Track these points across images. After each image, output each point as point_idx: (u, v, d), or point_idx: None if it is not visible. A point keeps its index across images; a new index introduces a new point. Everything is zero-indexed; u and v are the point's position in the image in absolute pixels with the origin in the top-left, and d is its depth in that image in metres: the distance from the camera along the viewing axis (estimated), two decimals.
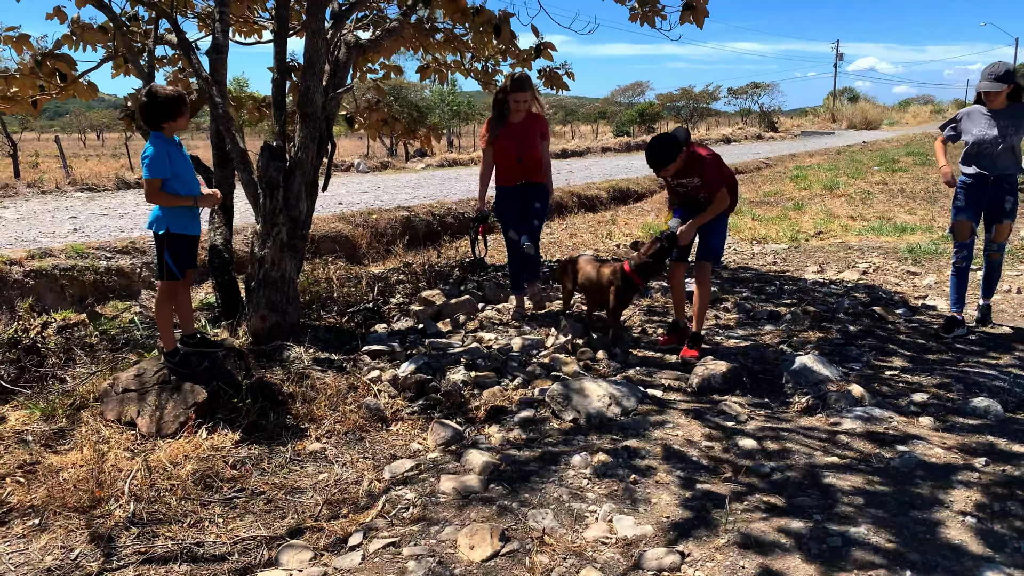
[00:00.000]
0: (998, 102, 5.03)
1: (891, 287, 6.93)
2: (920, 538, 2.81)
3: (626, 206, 15.83)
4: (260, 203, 4.78)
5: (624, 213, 14.24)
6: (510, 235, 5.68)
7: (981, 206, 5.19)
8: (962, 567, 2.62)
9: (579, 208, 15.11)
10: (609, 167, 22.72)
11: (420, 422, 3.96)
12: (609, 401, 4.03)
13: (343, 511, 3.08)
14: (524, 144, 5.48)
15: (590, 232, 11.65)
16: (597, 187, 16.62)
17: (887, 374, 4.66)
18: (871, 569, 2.60)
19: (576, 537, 2.84)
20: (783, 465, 3.41)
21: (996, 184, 5.07)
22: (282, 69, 4.95)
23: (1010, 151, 5.01)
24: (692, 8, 5.32)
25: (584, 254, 5.43)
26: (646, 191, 17.60)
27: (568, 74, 6.84)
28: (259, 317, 4.76)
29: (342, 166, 21.23)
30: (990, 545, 2.77)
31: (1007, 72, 4.94)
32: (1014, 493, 3.15)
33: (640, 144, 35.25)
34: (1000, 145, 5.00)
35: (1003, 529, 2.87)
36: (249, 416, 3.83)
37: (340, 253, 10.26)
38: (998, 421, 3.91)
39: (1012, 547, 2.75)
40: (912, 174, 17.03)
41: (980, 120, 5.12)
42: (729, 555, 2.70)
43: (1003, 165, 5.03)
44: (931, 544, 2.77)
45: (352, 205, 12.75)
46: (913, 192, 13.71)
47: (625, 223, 12.30)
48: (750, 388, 4.47)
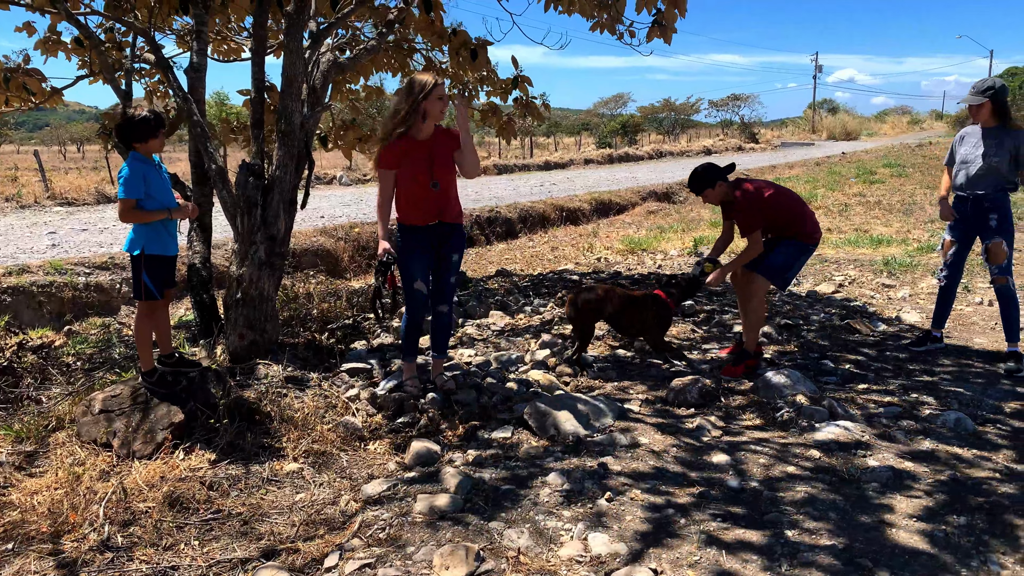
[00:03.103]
0: (981, 117, 5.03)
1: (866, 300, 7.03)
2: (887, 550, 2.86)
3: (608, 219, 15.94)
4: (238, 221, 4.79)
5: (606, 226, 14.34)
6: (416, 287, 4.30)
7: (968, 227, 5.19)
8: None
9: (561, 221, 15.19)
10: (592, 179, 22.87)
11: (398, 441, 3.97)
12: (585, 419, 4.06)
13: (319, 532, 3.09)
14: (436, 165, 4.16)
15: (572, 245, 11.73)
16: (580, 199, 16.73)
17: (860, 387, 4.73)
18: None
19: (551, 556, 2.87)
20: (753, 479, 3.45)
21: (976, 204, 5.07)
22: (260, 88, 4.97)
23: (989, 172, 4.98)
24: (661, 25, 5.40)
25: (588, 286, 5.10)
26: (628, 203, 17.74)
27: (544, 105, 6.90)
28: (237, 335, 4.76)
29: (325, 179, 21.25)
30: (956, 556, 2.82)
31: (988, 87, 4.96)
32: (981, 506, 3.21)
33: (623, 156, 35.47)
34: (979, 165, 5.00)
35: (968, 542, 2.93)
36: (226, 436, 3.83)
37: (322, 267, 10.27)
38: (967, 434, 3.98)
39: (978, 560, 2.81)
40: (889, 186, 17.26)
41: (969, 141, 5.14)
42: (700, 570, 2.74)
43: (982, 185, 5.02)
44: (898, 556, 2.82)
45: (334, 219, 12.78)
46: (890, 204, 13.90)
47: (607, 236, 12.39)
48: (724, 403, 4.52)
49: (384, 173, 4.15)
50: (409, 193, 4.17)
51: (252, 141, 5.00)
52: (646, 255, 10.05)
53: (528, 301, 7.11)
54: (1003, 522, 3.07)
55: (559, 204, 15.91)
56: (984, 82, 5.01)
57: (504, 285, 7.95)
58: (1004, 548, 2.89)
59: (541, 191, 18.65)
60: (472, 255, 11.52)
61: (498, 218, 14.01)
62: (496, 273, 8.91)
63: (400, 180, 4.16)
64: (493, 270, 9.32)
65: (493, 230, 13.63)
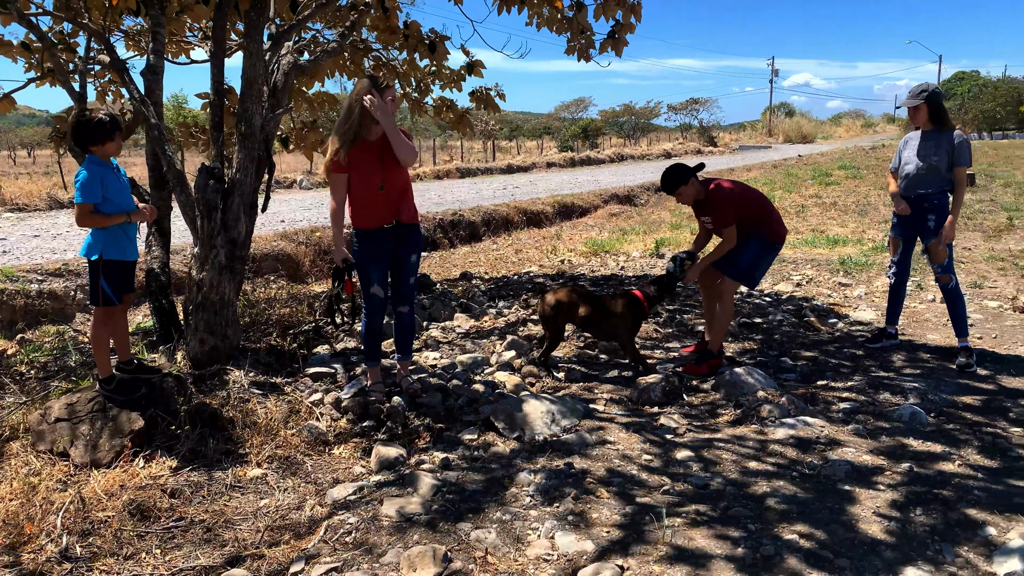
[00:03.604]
0: (919, 120, 5.20)
1: (823, 298, 7.17)
2: (848, 543, 2.92)
3: (571, 221, 16.02)
4: (198, 225, 4.72)
5: (569, 228, 14.42)
6: (373, 292, 4.27)
7: (910, 226, 5.35)
8: (888, 569, 2.74)
9: (525, 223, 15.22)
10: (555, 182, 22.96)
11: (363, 445, 3.95)
12: (551, 419, 4.08)
13: (284, 538, 3.06)
14: (386, 166, 4.14)
15: (535, 248, 11.76)
16: (542, 202, 16.78)
17: (818, 383, 4.83)
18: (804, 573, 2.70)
19: (518, 555, 2.88)
20: (718, 476, 3.51)
21: (916, 205, 5.23)
22: (220, 91, 4.91)
23: (931, 172, 5.12)
24: (614, 38, 5.48)
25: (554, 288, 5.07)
26: (591, 206, 17.85)
27: (499, 95, 6.94)
28: (198, 341, 4.69)
29: (285, 183, 21.01)
30: (913, 547, 2.90)
31: (922, 91, 5.13)
32: (936, 496, 3.30)
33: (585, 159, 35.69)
34: (920, 166, 5.15)
35: (924, 531, 3.01)
36: (188, 443, 3.77)
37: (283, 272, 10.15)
38: (922, 426, 4.09)
39: (933, 548, 2.89)
40: (844, 187, 17.64)
41: (911, 145, 5.30)
42: (667, 568, 2.77)
43: (923, 185, 5.18)
44: (858, 548, 2.88)
45: (295, 223, 12.63)
46: (845, 205, 14.20)
47: (570, 238, 12.45)
48: (688, 400, 4.58)
49: (335, 177, 4.12)
50: (361, 196, 4.13)
51: (212, 144, 4.93)
52: (609, 257, 10.13)
53: (493, 303, 7.12)
54: (958, 513, 3.15)
55: (522, 207, 15.95)
56: (919, 86, 5.19)
57: (468, 288, 7.95)
58: (959, 538, 2.97)
59: (504, 194, 18.67)
60: (436, 258, 11.49)
61: (461, 221, 13.99)
62: (460, 276, 8.90)
63: (352, 183, 4.12)
64: (457, 273, 9.31)
65: (456, 233, 13.60)
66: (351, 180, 4.13)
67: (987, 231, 10.68)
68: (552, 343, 5.10)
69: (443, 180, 24.86)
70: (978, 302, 6.86)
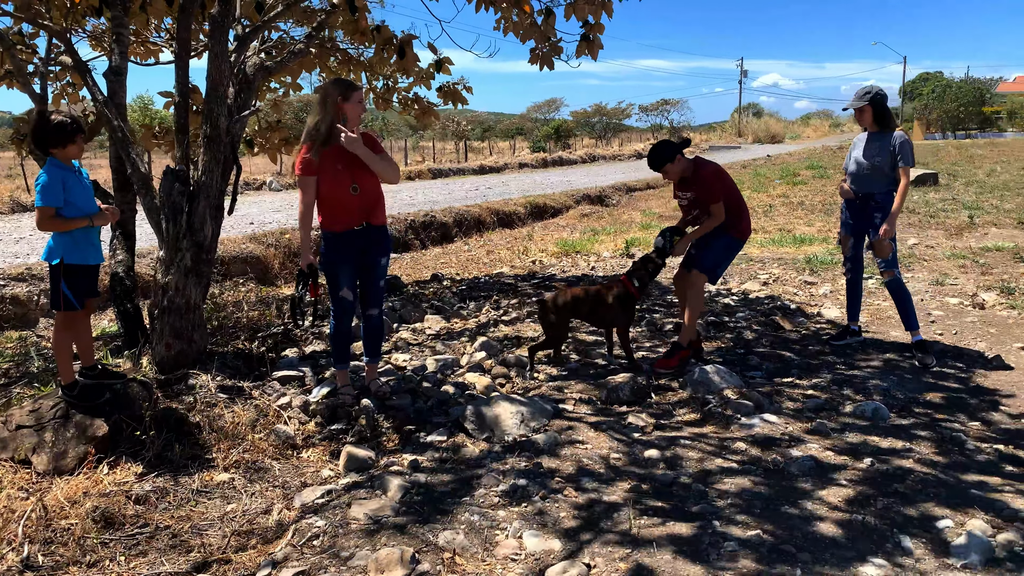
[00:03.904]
0: (865, 121, 5.38)
1: (789, 297, 7.28)
2: (809, 537, 2.98)
3: (543, 221, 16.08)
4: (163, 228, 4.67)
5: (540, 229, 14.47)
6: (342, 295, 4.28)
7: (858, 224, 5.50)
8: (847, 563, 2.80)
9: (497, 224, 15.24)
10: (527, 183, 23.01)
11: (332, 448, 3.94)
12: (521, 419, 4.10)
13: (251, 543, 3.04)
14: (357, 168, 4.12)
15: (507, 248, 11.79)
16: (515, 203, 16.82)
17: (784, 380, 4.91)
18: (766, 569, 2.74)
19: (487, 556, 2.89)
20: (684, 473, 3.55)
21: (864, 202, 5.40)
22: (184, 92, 4.86)
23: (875, 172, 5.27)
24: (588, 40, 5.50)
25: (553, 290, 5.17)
26: (563, 207, 17.92)
27: (466, 88, 6.95)
28: (164, 345, 4.64)
29: (254, 184, 20.82)
30: (872, 541, 2.96)
31: (866, 92, 5.31)
32: (895, 490, 3.37)
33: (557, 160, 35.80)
34: (865, 166, 5.31)
35: (884, 525, 3.07)
36: (154, 448, 3.73)
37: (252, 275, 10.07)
38: (883, 421, 4.18)
39: (892, 542, 2.96)
40: (811, 187, 17.89)
41: (858, 146, 5.48)
42: (632, 565, 2.80)
43: (869, 185, 5.33)
44: (819, 543, 2.94)
45: (264, 225, 12.54)
46: (812, 205, 14.41)
47: (541, 239, 12.50)
48: (656, 399, 4.62)
49: (305, 180, 4.10)
50: (331, 199, 4.12)
51: (176, 146, 4.88)
52: (580, 257, 10.18)
53: (464, 305, 7.13)
54: (917, 507, 3.23)
55: (494, 208, 15.97)
56: (863, 88, 5.37)
57: (439, 289, 7.95)
58: (916, 531, 3.04)
59: (476, 195, 18.68)
60: (407, 260, 11.47)
61: (433, 222, 13.97)
62: (431, 278, 8.89)
63: (321, 186, 4.11)
64: (428, 274, 9.30)
65: (428, 234, 13.58)
66: (322, 182, 4.11)
67: (949, 229, 10.91)
68: (558, 341, 5.22)
69: (415, 181, 24.78)
70: (940, 299, 7.01)
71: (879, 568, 2.77)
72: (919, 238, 10.23)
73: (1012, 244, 9.45)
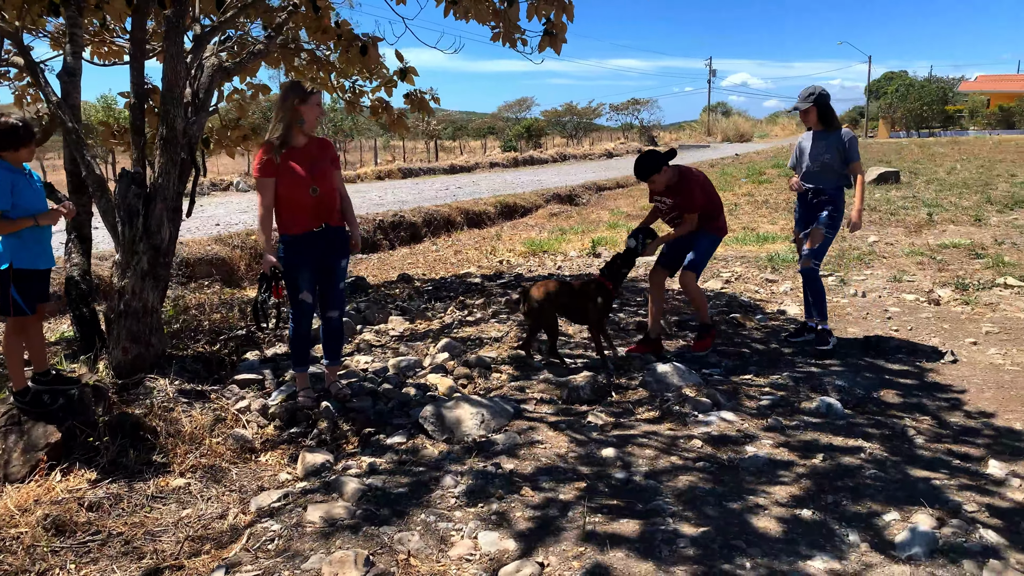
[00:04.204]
0: (810, 121, 5.53)
1: (751, 294, 7.38)
2: (759, 533, 3.03)
3: (512, 221, 16.10)
4: (119, 231, 4.62)
5: (509, 228, 14.49)
6: (302, 298, 4.26)
7: (806, 218, 5.64)
8: (794, 558, 2.85)
9: (466, 224, 15.24)
10: (497, 182, 23.03)
11: (291, 451, 3.93)
12: (481, 420, 4.12)
13: (206, 547, 3.03)
14: (316, 171, 4.15)
15: (475, 248, 11.79)
16: (485, 203, 16.83)
17: (742, 378, 4.98)
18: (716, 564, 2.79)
19: (441, 557, 2.91)
20: (639, 472, 3.59)
21: (814, 196, 5.54)
22: (139, 93, 4.81)
23: (825, 170, 5.42)
24: (551, 35, 5.52)
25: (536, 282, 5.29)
26: (532, 206, 17.96)
27: (434, 98, 6.95)
28: (121, 350, 4.59)
29: (221, 185, 20.60)
30: (820, 535, 3.02)
31: (811, 94, 5.45)
32: (846, 486, 3.44)
33: (528, 159, 35.86)
34: (815, 164, 5.45)
35: (832, 520, 3.14)
36: (108, 455, 3.70)
37: (217, 277, 9.97)
38: (837, 418, 4.26)
39: (840, 536, 3.02)
40: (776, 185, 18.12)
41: (804, 143, 5.61)
42: (586, 563, 2.83)
43: (819, 181, 5.48)
44: (768, 538, 3.00)
45: (231, 226, 12.42)
46: (776, 203, 14.59)
47: (510, 239, 12.52)
48: (615, 399, 4.66)
49: (264, 182, 4.09)
50: (289, 201, 4.11)
51: (132, 148, 4.83)
52: (547, 256, 10.22)
53: (429, 305, 7.12)
54: (865, 502, 3.29)
55: (464, 207, 15.96)
56: (808, 89, 5.52)
57: (406, 290, 7.94)
58: (863, 526, 3.11)
59: (446, 195, 18.66)
60: (374, 260, 11.43)
61: (402, 222, 13.93)
62: (398, 278, 8.87)
63: (280, 188, 4.09)
64: (395, 275, 9.27)
65: (397, 235, 13.54)
66: (281, 184, 4.09)
67: (909, 227, 11.12)
68: (552, 334, 5.28)
69: (385, 181, 24.69)
70: (897, 296, 7.15)
71: (826, 562, 2.83)
72: (879, 235, 10.42)
73: (968, 241, 9.66)
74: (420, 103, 7.28)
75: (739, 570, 2.78)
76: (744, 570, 2.78)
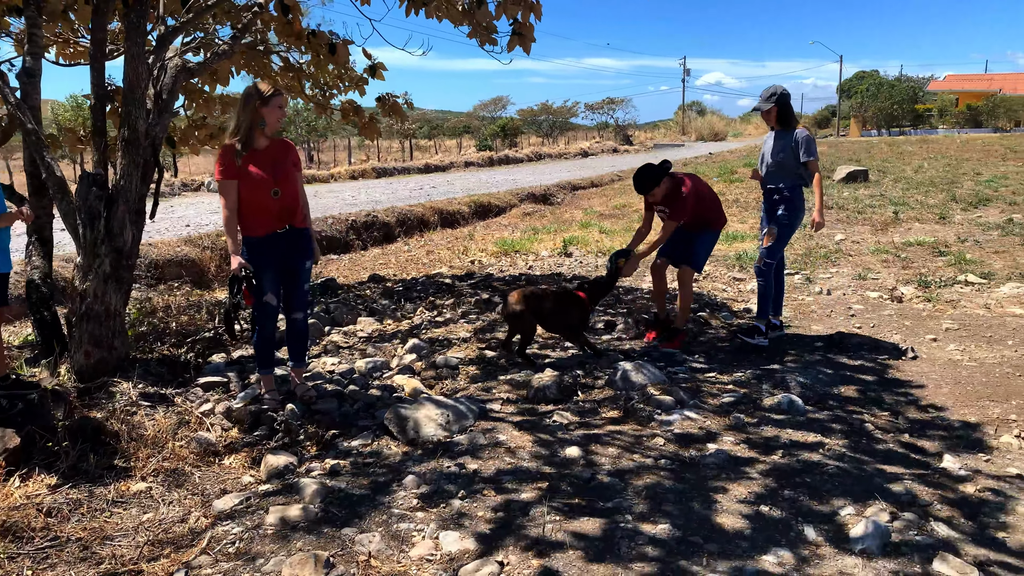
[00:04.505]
0: (770, 120, 5.62)
1: (718, 293, 7.46)
2: (717, 529, 3.08)
3: (486, 221, 16.10)
4: (80, 233, 4.57)
5: (482, 228, 14.49)
6: (266, 300, 4.28)
7: (767, 217, 5.71)
8: (751, 553, 2.90)
9: (440, 224, 15.22)
10: (472, 182, 23.02)
11: (254, 454, 3.92)
12: (446, 421, 4.13)
13: (165, 551, 3.01)
14: (278, 173, 4.17)
15: (448, 248, 11.79)
16: (459, 202, 16.81)
17: (706, 376, 5.04)
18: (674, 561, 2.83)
19: (402, 557, 2.92)
20: (602, 470, 3.63)
21: (769, 195, 5.64)
22: (101, 95, 4.76)
23: (780, 168, 5.52)
24: (520, 35, 5.54)
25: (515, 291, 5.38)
26: (507, 205, 17.97)
27: (408, 103, 6.94)
28: (83, 353, 4.54)
29: (192, 185, 20.40)
30: (777, 531, 3.08)
31: (772, 94, 5.53)
32: (803, 482, 3.51)
33: (503, 159, 35.86)
34: (772, 163, 5.55)
35: (789, 515, 3.19)
36: (68, 460, 3.66)
37: (187, 278, 9.88)
38: (798, 415, 4.33)
39: (795, 531, 3.08)
40: (747, 184, 18.28)
41: (767, 143, 5.71)
42: (545, 561, 2.86)
43: (775, 179, 5.58)
44: (726, 534, 3.04)
45: (201, 227, 12.30)
46: (746, 202, 14.74)
47: (482, 239, 12.52)
48: (581, 398, 4.70)
49: (226, 184, 4.09)
50: (252, 203, 4.12)
51: (94, 150, 4.78)
52: (519, 256, 10.25)
53: (399, 306, 7.12)
54: (822, 497, 3.36)
55: (438, 207, 15.94)
56: (769, 90, 5.61)
57: (376, 291, 7.93)
58: (819, 520, 3.17)
59: (420, 194, 18.62)
60: (345, 261, 11.38)
61: (375, 222, 13.89)
62: (369, 279, 8.85)
63: (242, 190, 4.10)
64: (366, 276, 9.25)
65: (370, 235, 13.49)
66: (243, 186, 4.10)
67: (875, 225, 11.29)
68: (527, 338, 5.34)
69: (359, 180, 24.58)
70: (861, 293, 7.27)
71: (780, 556, 2.88)
72: (846, 234, 10.57)
73: (932, 239, 9.83)
74: (393, 107, 7.26)
75: (695, 566, 2.82)
76: (700, 566, 2.82)
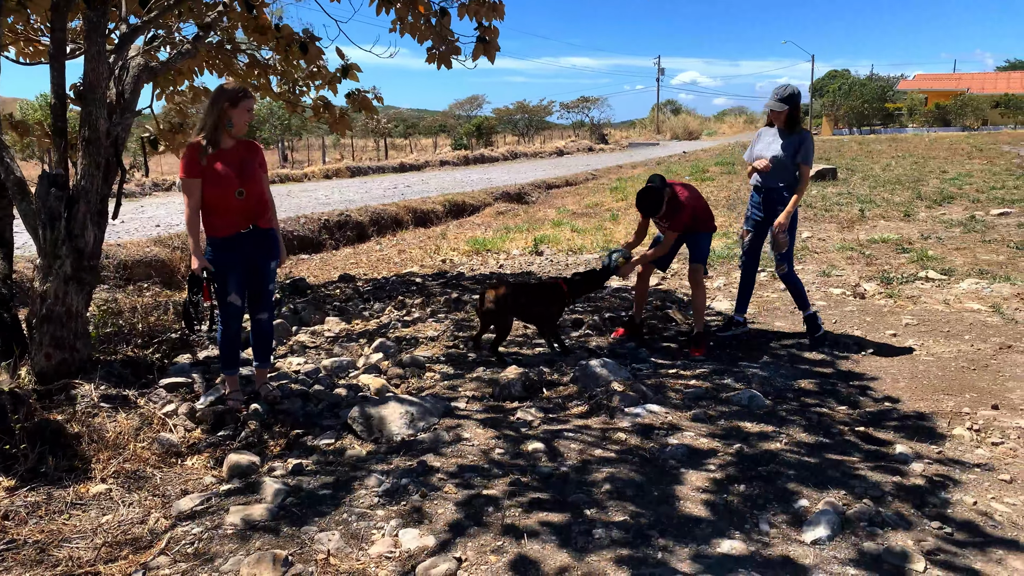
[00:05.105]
0: (779, 121, 5.55)
1: (684, 291, 7.53)
2: (674, 520, 3.14)
3: (459, 220, 16.11)
4: (40, 234, 4.53)
5: (456, 227, 14.50)
6: (230, 300, 4.25)
7: (759, 217, 5.74)
8: (706, 541, 2.96)
9: (413, 223, 15.20)
10: (447, 181, 23.00)
11: (217, 454, 3.91)
12: (410, 419, 4.15)
13: (123, 553, 3.01)
14: (244, 173, 4.16)
15: (420, 247, 11.79)
16: (433, 201, 16.80)
17: (670, 372, 5.10)
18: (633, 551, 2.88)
19: (361, 555, 2.94)
20: (563, 465, 3.67)
21: (767, 196, 5.62)
22: (61, 94, 4.71)
23: (782, 168, 5.49)
24: (485, 42, 5.57)
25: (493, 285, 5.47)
26: (481, 204, 17.99)
27: (377, 98, 6.95)
28: (44, 355, 4.50)
29: (164, 185, 20.18)
30: (733, 522, 3.14)
31: (790, 95, 5.46)
32: (759, 473, 3.57)
33: (478, 157, 35.86)
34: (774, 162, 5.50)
35: (744, 506, 3.26)
36: (27, 463, 3.63)
37: (156, 279, 9.78)
38: (758, 409, 4.40)
39: (750, 521, 3.14)
40: (718, 183, 18.47)
41: (764, 140, 5.67)
42: (502, 556, 2.90)
43: (773, 179, 5.55)
44: (682, 525, 3.10)
45: (171, 227, 12.19)
46: (716, 200, 14.87)
47: (455, 238, 12.54)
48: (546, 395, 4.74)
49: (190, 182, 4.07)
50: (215, 203, 4.10)
51: (54, 149, 4.74)
52: (490, 255, 10.27)
53: (368, 305, 7.12)
54: (779, 488, 3.43)
55: (412, 206, 15.91)
56: (785, 90, 5.49)
57: (345, 290, 7.91)
58: (776, 511, 3.23)
59: (395, 193, 18.58)
60: (316, 260, 11.34)
61: (348, 222, 13.84)
62: (339, 278, 8.83)
63: (206, 190, 4.09)
64: (336, 275, 9.23)
65: (343, 234, 13.44)
66: (207, 186, 4.09)
67: (842, 222, 11.46)
68: (502, 334, 5.39)
69: (332, 180, 24.46)
70: (824, 290, 7.38)
71: (734, 544, 2.94)
72: (813, 231, 10.72)
73: (896, 236, 10.00)
74: (362, 102, 7.26)
75: (654, 553, 2.88)
76: (659, 554, 2.88)
